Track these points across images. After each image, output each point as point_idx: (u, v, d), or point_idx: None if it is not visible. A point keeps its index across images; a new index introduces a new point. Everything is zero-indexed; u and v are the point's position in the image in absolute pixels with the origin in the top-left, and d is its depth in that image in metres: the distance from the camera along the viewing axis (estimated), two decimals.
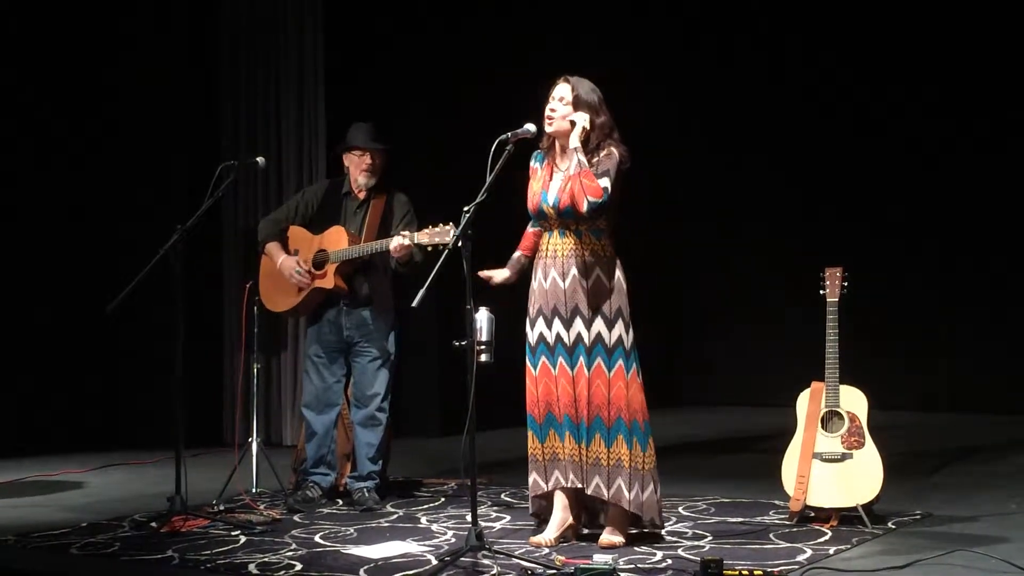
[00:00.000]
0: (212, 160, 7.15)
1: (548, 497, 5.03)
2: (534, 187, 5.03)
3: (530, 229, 5.16)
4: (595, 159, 4.88)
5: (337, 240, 5.93)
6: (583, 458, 4.89)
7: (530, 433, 5.02)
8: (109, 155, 8.48)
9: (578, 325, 4.91)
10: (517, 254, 5.17)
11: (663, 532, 5.04)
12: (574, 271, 4.93)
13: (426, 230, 5.57)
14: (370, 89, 8.28)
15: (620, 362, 4.93)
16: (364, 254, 5.87)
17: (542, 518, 5.10)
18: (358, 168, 6.03)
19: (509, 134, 4.83)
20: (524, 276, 5.13)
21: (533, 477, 5.02)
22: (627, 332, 4.96)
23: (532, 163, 5.09)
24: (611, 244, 4.99)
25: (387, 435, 6.06)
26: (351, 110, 7.81)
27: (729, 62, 9.65)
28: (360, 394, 5.99)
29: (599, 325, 4.91)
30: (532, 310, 5.04)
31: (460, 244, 4.68)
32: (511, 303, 5.23)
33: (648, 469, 4.93)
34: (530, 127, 4.90)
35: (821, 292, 5.30)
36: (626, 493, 4.88)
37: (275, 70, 8.38)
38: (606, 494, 4.87)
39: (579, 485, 4.90)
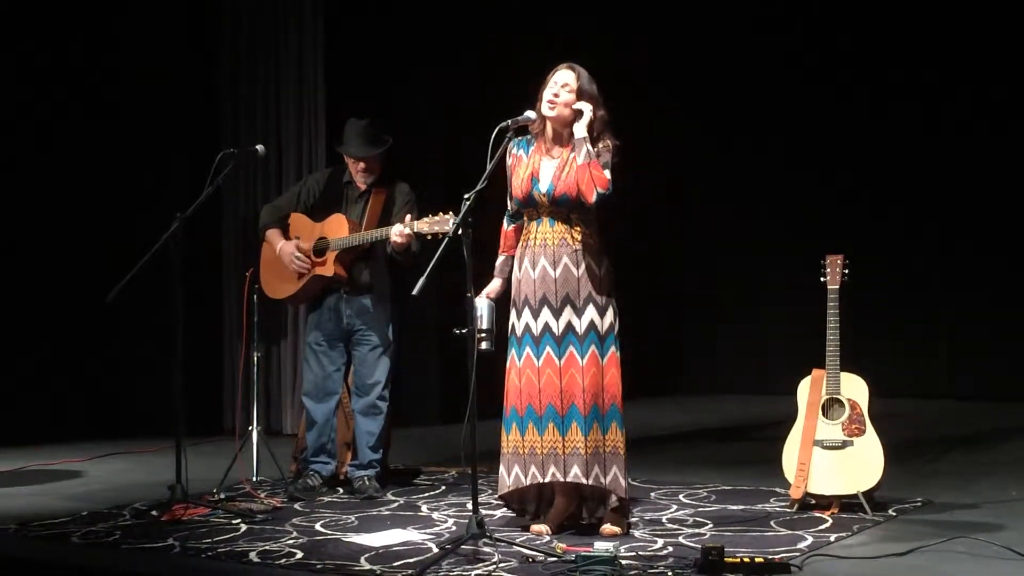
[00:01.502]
0: (212, 147, 7.14)
1: (523, 491, 5.00)
2: (521, 174, 4.96)
3: (508, 228, 5.11)
4: (595, 150, 4.87)
5: (337, 228, 5.92)
6: (580, 449, 4.85)
7: (512, 426, 4.95)
8: (109, 143, 8.45)
9: (568, 314, 4.89)
10: (503, 258, 5.12)
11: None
12: (565, 259, 4.90)
13: (425, 219, 5.55)
14: (370, 79, 8.26)
15: (612, 349, 4.93)
16: (364, 242, 5.86)
17: (514, 510, 5.11)
18: (354, 169, 6.03)
19: (509, 121, 4.81)
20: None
21: (514, 471, 4.93)
22: (616, 320, 4.96)
23: (515, 150, 5.00)
24: (598, 232, 4.98)
25: (387, 423, 6.07)
26: (351, 99, 7.81)
27: (729, 48, 9.63)
28: (361, 383, 5.98)
29: (591, 313, 4.90)
30: (518, 300, 5.00)
31: (460, 232, 4.66)
32: (507, 293, 5.22)
33: (625, 453, 4.94)
34: (530, 114, 4.89)
35: (822, 279, 5.29)
36: (622, 481, 4.88)
37: (275, 56, 8.36)
38: (607, 483, 4.86)
39: (561, 478, 4.86)
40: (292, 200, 6.18)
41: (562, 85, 4.91)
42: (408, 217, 5.70)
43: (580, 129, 4.87)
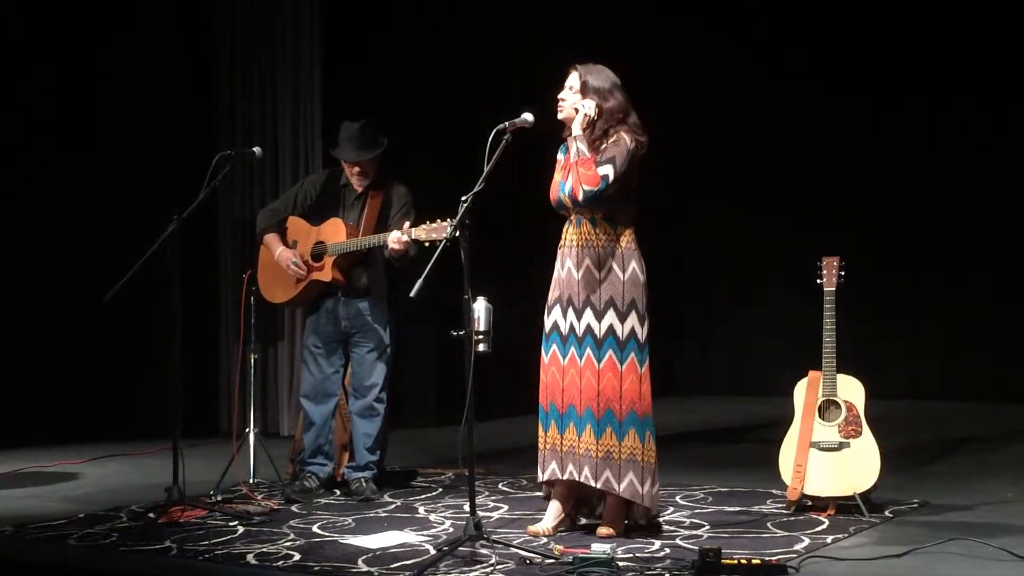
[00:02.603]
0: (209, 149, 7.13)
1: (560, 484, 5.02)
2: (556, 178, 5.03)
3: None
4: (602, 146, 4.87)
5: (335, 232, 5.92)
6: (589, 449, 4.85)
7: (540, 422, 5.01)
8: (107, 144, 8.45)
9: (588, 316, 4.90)
10: None
11: (661, 522, 5.03)
12: (588, 261, 4.91)
13: (423, 226, 5.55)
14: (368, 76, 8.26)
15: (632, 355, 4.90)
16: (362, 247, 5.87)
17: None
18: (349, 172, 6.03)
19: (506, 123, 4.81)
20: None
21: (552, 466, 4.97)
22: (641, 325, 4.93)
23: (559, 155, 5.08)
24: (629, 233, 4.96)
25: (385, 425, 6.07)
26: (348, 99, 7.82)
27: (729, 48, 9.63)
28: (358, 384, 5.98)
29: (611, 317, 4.89)
30: (550, 299, 5.03)
31: (458, 234, 4.67)
32: (510, 293, 5.23)
33: (647, 461, 4.91)
34: (527, 116, 4.87)
35: (818, 281, 5.30)
36: (639, 487, 4.86)
37: (271, 57, 8.36)
38: (621, 489, 4.85)
39: (576, 477, 4.88)
40: (289, 203, 6.18)
41: (568, 87, 4.97)
42: (407, 225, 5.70)
43: (574, 128, 4.90)
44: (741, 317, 9.80)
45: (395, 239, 5.65)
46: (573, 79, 4.97)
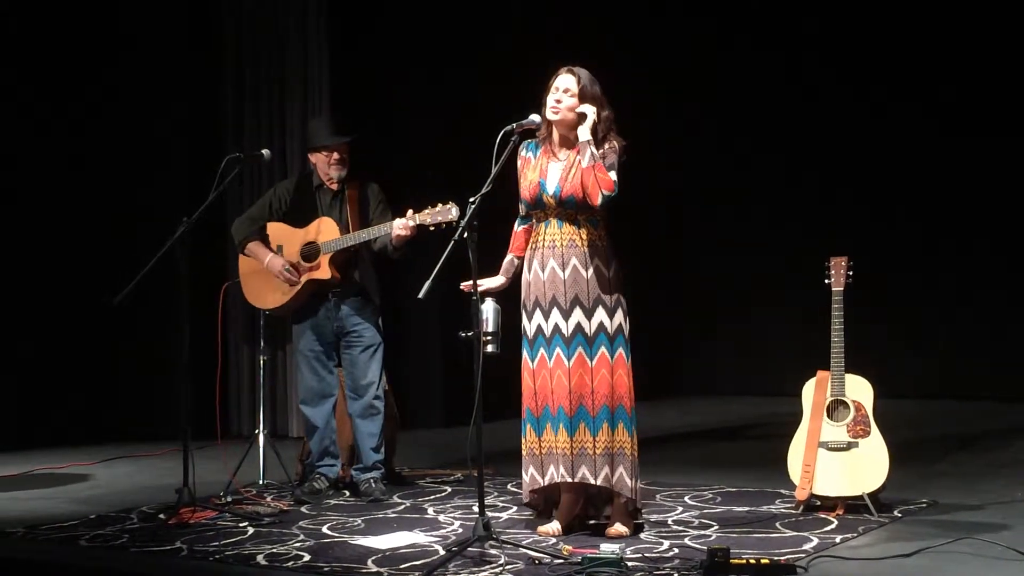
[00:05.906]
0: (217, 152, 7.15)
1: (544, 491, 5.04)
2: (530, 176, 5.00)
3: (518, 228, 5.13)
4: (600, 152, 4.88)
5: (328, 231, 5.91)
6: (585, 448, 4.87)
7: (527, 427, 5.01)
8: (113, 148, 8.47)
9: (577, 315, 4.91)
10: (510, 257, 5.13)
11: (644, 520, 5.07)
12: (574, 261, 4.93)
13: (427, 210, 5.56)
14: (375, 81, 8.28)
15: (621, 351, 4.94)
16: (359, 241, 5.85)
17: (538, 510, 5.14)
18: (327, 163, 6.00)
19: (514, 124, 4.83)
20: (517, 278, 5.11)
21: (530, 472, 5.01)
22: (625, 321, 4.98)
23: (524, 152, 5.05)
24: (607, 233, 5.00)
25: (389, 424, 6.07)
26: (357, 102, 7.83)
27: (732, 46, 9.63)
28: (355, 384, 5.98)
29: (600, 315, 4.91)
30: (528, 302, 5.03)
31: (466, 235, 4.67)
32: (516, 294, 5.23)
33: (635, 455, 4.96)
34: (535, 117, 4.90)
35: (826, 281, 5.30)
36: (628, 481, 4.90)
37: (279, 60, 8.38)
38: (613, 483, 4.88)
39: (569, 479, 4.88)
40: (264, 209, 6.14)
41: (564, 90, 4.94)
42: (410, 211, 5.70)
43: (584, 132, 4.89)
44: (748, 317, 9.80)
45: (401, 225, 5.65)
46: (570, 82, 4.93)
